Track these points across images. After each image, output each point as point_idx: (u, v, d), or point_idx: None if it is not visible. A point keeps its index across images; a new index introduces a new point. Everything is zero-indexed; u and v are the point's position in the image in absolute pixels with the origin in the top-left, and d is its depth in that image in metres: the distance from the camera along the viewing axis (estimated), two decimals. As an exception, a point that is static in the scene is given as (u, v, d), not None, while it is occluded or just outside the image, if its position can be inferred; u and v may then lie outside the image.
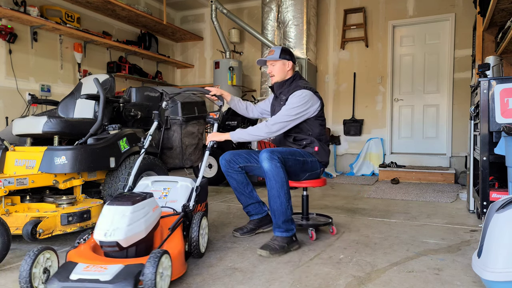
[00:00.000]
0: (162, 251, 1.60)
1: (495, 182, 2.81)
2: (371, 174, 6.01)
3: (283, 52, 2.54)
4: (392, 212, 3.42)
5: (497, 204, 1.66)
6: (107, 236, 1.64)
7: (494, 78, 2.56)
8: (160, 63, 7.12)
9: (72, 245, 1.76)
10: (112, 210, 1.70)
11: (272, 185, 2.25)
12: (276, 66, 2.54)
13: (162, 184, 2.40)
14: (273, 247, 2.20)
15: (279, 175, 2.23)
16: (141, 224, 1.72)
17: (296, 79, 2.56)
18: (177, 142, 3.47)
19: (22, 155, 2.63)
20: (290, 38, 5.95)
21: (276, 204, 2.25)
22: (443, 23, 5.85)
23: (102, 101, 2.83)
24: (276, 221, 2.28)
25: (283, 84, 2.56)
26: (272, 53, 2.54)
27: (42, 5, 4.89)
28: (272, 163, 2.22)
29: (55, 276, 1.54)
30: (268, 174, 2.23)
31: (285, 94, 2.51)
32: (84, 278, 1.51)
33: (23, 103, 4.64)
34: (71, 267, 1.57)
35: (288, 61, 2.54)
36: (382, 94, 6.18)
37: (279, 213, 2.26)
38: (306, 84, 2.51)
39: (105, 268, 1.55)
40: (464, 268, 2.01)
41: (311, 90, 2.45)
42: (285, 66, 2.54)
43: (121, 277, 1.50)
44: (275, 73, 2.55)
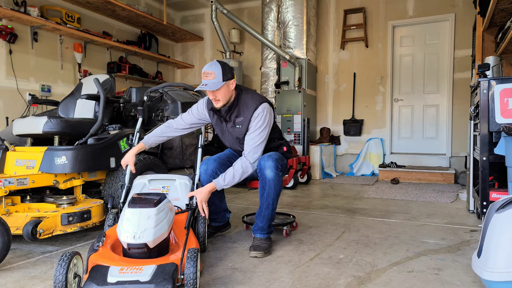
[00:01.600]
0: (196, 250, 1.64)
1: (495, 182, 2.81)
2: (371, 174, 6.02)
3: (224, 72, 2.16)
4: (392, 212, 3.42)
5: (497, 204, 1.66)
6: (136, 238, 1.67)
7: (494, 78, 2.56)
8: (160, 63, 7.12)
9: (91, 249, 1.74)
10: (137, 213, 1.72)
11: (270, 193, 2.25)
12: (221, 91, 2.18)
13: (160, 182, 2.40)
14: (264, 246, 2.25)
15: (279, 185, 2.25)
16: (165, 225, 1.77)
17: (241, 94, 2.29)
18: (177, 142, 3.47)
19: (22, 155, 2.63)
20: (290, 38, 5.95)
21: (268, 211, 2.29)
22: (443, 23, 5.85)
23: (102, 101, 2.83)
24: (263, 225, 2.31)
25: (231, 106, 2.27)
26: (212, 77, 2.14)
27: (42, 5, 4.89)
28: (276, 173, 2.21)
29: (91, 281, 1.53)
30: (270, 183, 2.22)
31: (238, 115, 2.28)
32: (123, 281, 1.52)
33: (24, 103, 4.64)
34: (104, 271, 1.58)
35: (231, 80, 2.21)
36: (382, 94, 6.19)
37: (267, 218, 2.30)
38: (254, 96, 2.30)
39: (141, 269, 1.58)
40: (464, 268, 2.01)
41: (264, 101, 2.29)
42: (230, 87, 2.22)
43: (160, 277, 1.53)
44: (221, 98, 2.20)
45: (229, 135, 2.39)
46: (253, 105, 2.25)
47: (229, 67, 2.24)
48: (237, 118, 2.29)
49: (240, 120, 2.28)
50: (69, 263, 1.55)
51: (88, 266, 1.64)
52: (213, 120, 2.41)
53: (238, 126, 2.31)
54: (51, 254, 2.24)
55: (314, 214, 3.29)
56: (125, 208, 1.77)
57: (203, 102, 2.42)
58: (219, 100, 2.22)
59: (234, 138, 2.38)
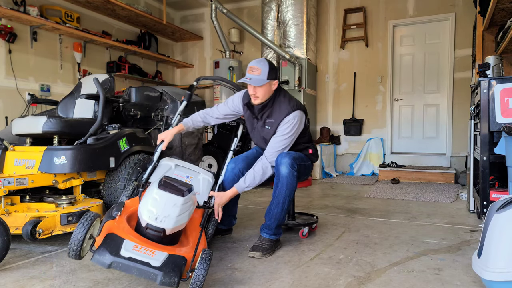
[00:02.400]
0: (211, 253, 1.64)
1: (495, 182, 2.81)
2: (371, 174, 6.01)
3: (270, 71, 2.20)
4: (392, 212, 3.42)
5: (497, 204, 1.65)
6: (158, 221, 1.68)
7: (494, 78, 2.55)
8: (159, 62, 7.11)
9: (109, 215, 1.72)
10: (165, 197, 1.71)
11: (281, 191, 2.22)
12: (262, 88, 2.22)
13: (185, 171, 2.37)
14: (264, 247, 2.21)
15: (292, 183, 2.22)
16: (186, 216, 1.77)
17: (278, 96, 2.31)
18: (177, 142, 3.47)
19: (21, 155, 2.62)
20: (290, 38, 5.94)
21: (278, 209, 2.24)
22: (443, 23, 5.84)
23: (101, 101, 2.82)
24: (271, 224, 2.26)
25: (265, 106, 2.29)
26: (257, 73, 2.18)
27: (41, 5, 4.88)
28: (291, 171, 2.19)
29: (105, 248, 1.54)
30: (283, 180, 2.20)
31: (270, 116, 2.30)
32: (135, 258, 1.53)
33: (23, 103, 4.64)
34: (119, 242, 1.58)
35: (274, 80, 2.25)
36: (382, 94, 6.18)
37: (277, 217, 2.25)
38: (291, 102, 2.30)
39: (154, 253, 1.58)
40: (464, 268, 2.01)
41: (298, 108, 2.28)
42: (272, 87, 2.26)
43: (169, 267, 1.54)
44: (260, 95, 2.24)
45: (258, 133, 2.41)
46: (285, 110, 2.26)
47: (275, 68, 2.28)
48: (268, 119, 2.31)
49: (271, 121, 2.30)
50: (90, 224, 1.56)
51: (103, 231, 1.63)
52: (246, 114, 2.45)
53: (267, 126, 2.32)
54: (50, 254, 2.23)
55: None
56: (154, 187, 1.75)
57: (239, 96, 2.45)
58: (258, 97, 2.25)
59: (261, 137, 2.40)
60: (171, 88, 3.80)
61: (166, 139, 2.34)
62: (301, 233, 2.57)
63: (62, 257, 2.19)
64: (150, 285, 1.79)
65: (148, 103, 3.55)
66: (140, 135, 3.09)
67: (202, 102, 3.81)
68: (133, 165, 2.85)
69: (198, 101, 3.74)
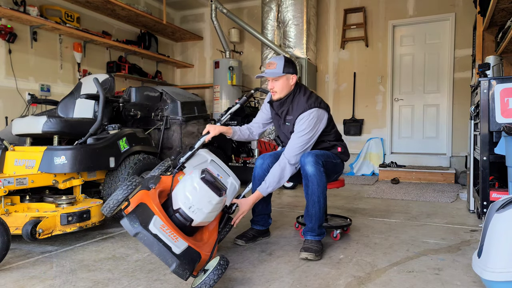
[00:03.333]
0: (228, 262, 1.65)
1: (495, 182, 2.81)
2: (371, 174, 6.01)
3: (286, 64, 2.24)
4: (392, 212, 3.42)
5: (497, 204, 1.65)
6: (190, 210, 1.70)
7: (494, 78, 2.55)
8: (159, 62, 7.11)
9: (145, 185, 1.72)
10: (204, 190, 1.73)
11: (314, 190, 2.18)
12: (279, 82, 2.25)
13: (218, 169, 2.35)
14: (315, 249, 2.14)
15: (322, 180, 2.17)
16: (213, 216, 1.80)
17: (298, 93, 2.30)
18: (177, 142, 3.47)
19: (21, 155, 2.63)
20: (290, 38, 5.94)
21: (315, 209, 2.20)
22: (443, 23, 5.84)
23: (101, 101, 2.83)
24: (313, 226, 2.22)
25: (283, 102, 2.31)
26: (273, 67, 2.23)
27: (41, 5, 4.88)
28: (317, 168, 2.15)
29: (136, 216, 1.56)
30: (311, 178, 2.16)
31: (288, 113, 2.31)
32: (160, 238, 1.54)
33: (23, 103, 4.64)
34: (150, 215, 1.59)
35: (292, 75, 2.26)
36: (382, 94, 6.18)
37: (316, 218, 2.21)
38: (310, 99, 2.27)
39: (177, 239, 1.59)
40: (464, 268, 2.01)
41: (316, 106, 2.24)
42: (289, 81, 2.27)
43: (187, 258, 1.56)
44: (278, 90, 2.27)
45: (281, 131, 2.42)
46: (301, 107, 2.23)
47: (293, 63, 2.29)
48: (287, 116, 2.30)
49: (290, 118, 2.29)
50: (134, 189, 1.59)
51: (137, 198, 1.64)
52: (272, 114, 2.47)
53: (287, 123, 2.32)
54: (50, 254, 2.23)
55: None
56: (196, 176, 1.76)
57: (266, 98, 2.52)
58: (276, 92, 2.28)
59: (284, 135, 2.40)
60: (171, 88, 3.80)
61: (212, 132, 2.32)
62: (331, 234, 2.51)
63: (62, 257, 2.19)
64: (150, 285, 1.79)
65: (148, 103, 3.55)
66: (140, 135, 3.09)
67: (202, 102, 3.81)
68: (133, 165, 2.85)
69: (198, 101, 3.74)
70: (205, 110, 3.79)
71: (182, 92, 3.77)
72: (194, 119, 3.58)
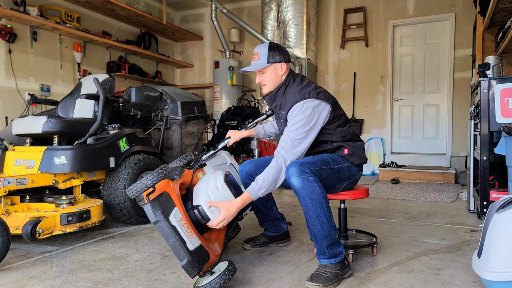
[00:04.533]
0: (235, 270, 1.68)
1: (495, 182, 2.81)
2: (371, 174, 6.01)
3: (271, 53, 1.96)
4: (392, 212, 3.42)
5: (497, 204, 1.65)
6: (210, 211, 1.73)
7: (494, 78, 2.55)
8: (159, 62, 7.11)
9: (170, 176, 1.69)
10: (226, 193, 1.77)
11: (307, 205, 1.79)
12: (267, 74, 1.99)
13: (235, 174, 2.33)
14: (326, 276, 1.78)
15: (314, 192, 1.78)
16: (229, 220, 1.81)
17: (290, 84, 2.01)
18: (177, 142, 3.47)
19: (21, 155, 2.63)
20: (290, 38, 5.94)
21: (316, 227, 1.80)
22: (443, 23, 5.84)
23: (101, 101, 2.82)
24: (320, 247, 1.84)
25: (275, 97, 2.03)
26: (257, 58, 1.97)
27: (41, 5, 4.88)
28: (303, 179, 1.76)
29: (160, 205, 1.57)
30: (300, 192, 1.78)
31: (281, 108, 2.01)
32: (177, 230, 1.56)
33: (23, 103, 4.64)
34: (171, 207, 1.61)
35: (279, 63, 1.97)
36: (382, 93, 6.18)
37: (321, 237, 1.81)
38: (304, 89, 1.94)
39: (192, 236, 1.60)
40: (464, 268, 2.01)
41: (312, 96, 1.90)
42: (278, 71, 1.99)
43: (197, 257, 1.57)
44: (266, 82, 2.00)
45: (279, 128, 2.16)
46: (293, 99, 1.92)
47: (281, 49, 1.99)
48: (280, 111, 2.02)
49: (282, 114, 2.00)
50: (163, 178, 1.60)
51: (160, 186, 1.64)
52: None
53: (281, 120, 2.05)
54: (50, 254, 2.23)
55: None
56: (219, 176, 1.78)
57: None
58: (265, 85, 2.02)
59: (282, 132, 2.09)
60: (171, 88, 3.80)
61: (233, 138, 2.23)
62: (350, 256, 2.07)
63: (62, 257, 2.19)
64: (150, 285, 1.79)
65: (148, 103, 3.54)
66: (140, 135, 3.09)
67: (202, 102, 3.80)
68: (133, 165, 2.85)
69: (198, 101, 3.73)
70: (205, 110, 3.79)
71: (182, 92, 3.76)
72: (194, 119, 3.58)
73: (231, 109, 5.40)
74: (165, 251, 2.29)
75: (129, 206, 2.77)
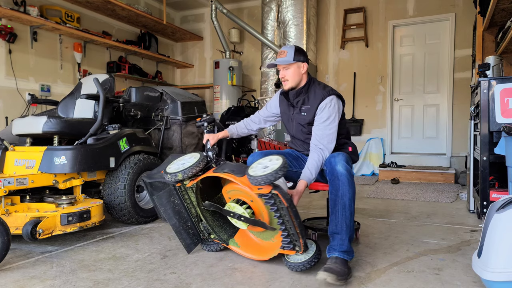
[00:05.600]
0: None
1: (495, 182, 2.81)
2: (371, 174, 6.01)
3: (297, 53, 2.23)
4: (392, 212, 3.42)
5: (497, 204, 1.66)
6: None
7: (494, 78, 2.55)
8: (160, 63, 7.11)
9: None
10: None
11: (345, 192, 1.92)
12: (290, 70, 2.23)
13: None
14: (338, 270, 1.78)
15: (353, 182, 1.98)
16: None
17: (312, 83, 2.29)
18: (177, 142, 3.47)
19: (22, 155, 2.63)
20: (290, 38, 5.94)
21: (346, 215, 1.91)
22: (443, 23, 5.84)
23: (102, 101, 2.83)
24: (341, 237, 1.90)
25: (300, 92, 2.27)
26: (284, 55, 2.22)
27: (42, 5, 4.88)
28: (348, 168, 1.98)
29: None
30: (342, 178, 1.94)
31: (305, 103, 2.25)
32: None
33: (23, 103, 4.64)
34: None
35: (303, 63, 2.24)
36: (382, 94, 6.18)
37: (346, 226, 1.89)
38: (326, 87, 2.25)
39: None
40: (464, 268, 2.01)
41: (334, 93, 2.20)
42: (300, 69, 2.24)
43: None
44: (289, 78, 2.24)
45: (295, 122, 2.32)
46: (320, 95, 2.18)
47: (303, 51, 2.27)
48: (303, 106, 2.25)
49: (307, 107, 2.23)
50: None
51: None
52: (282, 107, 2.41)
53: (303, 113, 2.25)
54: (50, 254, 2.23)
55: (314, 214, 3.29)
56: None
57: (277, 93, 2.49)
58: (287, 80, 2.25)
59: (299, 126, 2.31)
60: (171, 88, 3.80)
61: (211, 140, 2.35)
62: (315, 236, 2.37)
63: (62, 257, 2.20)
64: (150, 285, 1.80)
65: (148, 103, 3.55)
66: (140, 135, 3.09)
67: (202, 102, 3.81)
68: (133, 165, 2.85)
69: (198, 101, 3.73)
70: (205, 110, 3.79)
71: (182, 92, 3.76)
72: (194, 119, 3.58)
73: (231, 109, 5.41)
74: (165, 251, 2.29)
75: (129, 206, 2.77)
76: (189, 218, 2.28)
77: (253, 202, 2.04)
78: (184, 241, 2.23)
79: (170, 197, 2.24)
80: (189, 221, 2.28)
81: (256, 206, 2.03)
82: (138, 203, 2.90)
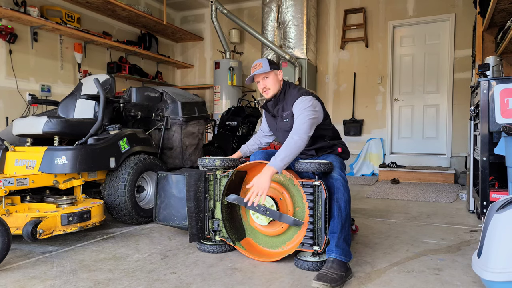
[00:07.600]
0: None
1: (495, 182, 2.81)
2: (371, 174, 6.01)
3: (270, 62, 2.34)
4: (392, 212, 3.42)
5: (497, 204, 1.66)
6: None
7: (494, 78, 2.56)
8: (160, 63, 7.12)
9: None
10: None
11: (340, 196, 2.01)
12: (270, 78, 2.31)
13: None
14: (332, 277, 1.78)
15: (347, 187, 2.07)
16: None
17: (288, 89, 2.34)
18: (177, 142, 3.47)
19: (22, 155, 2.63)
20: (290, 38, 5.95)
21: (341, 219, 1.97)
22: (443, 23, 5.85)
23: (102, 101, 2.83)
24: (339, 236, 1.94)
25: (277, 100, 2.34)
26: (260, 67, 2.31)
27: (42, 5, 4.89)
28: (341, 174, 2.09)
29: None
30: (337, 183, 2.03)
31: (284, 109, 2.31)
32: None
33: (23, 103, 4.64)
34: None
35: (278, 70, 2.35)
36: (382, 94, 6.18)
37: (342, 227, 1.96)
38: (300, 89, 2.32)
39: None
40: (464, 268, 2.01)
41: (308, 94, 2.25)
42: (278, 76, 2.34)
43: None
44: (270, 86, 2.31)
45: (280, 130, 2.38)
46: (294, 97, 2.24)
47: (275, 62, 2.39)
48: (283, 112, 2.31)
49: (287, 114, 2.29)
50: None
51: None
52: (268, 120, 2.51)
53: (285, 120, 2.31)
54: (51, 254, 2.24)
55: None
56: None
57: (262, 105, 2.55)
58: (269, 89, 2.33)
59: (285, 133, 2.30)
60: (171, 88, 3.80)
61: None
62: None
63: (62, 257, 2.20)
64: (150, 285, 1.80)
65: (149, 104, 3.55)
66: (140, 135, 3.10)
67: (202, 103, 3.81)
68: (133, 165, 2.85)
69: (198, 102, 3.73)
70: (205, 111, 3.79)
71: (182, 93, 3.77)
72: (195, 120, 3.58)
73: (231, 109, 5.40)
74: (165, 251, 2.30)
75: (130, 206, 2.78)
76: (204, 210, 2.33)
77: (282, 200, 2.16)
78: (191, 229, 2.28)
79: (198, 181, 2.32)
80: (202, 213, 2.33)
81: (284, 204, 2.15)
82: (139, 203, 2.90)
